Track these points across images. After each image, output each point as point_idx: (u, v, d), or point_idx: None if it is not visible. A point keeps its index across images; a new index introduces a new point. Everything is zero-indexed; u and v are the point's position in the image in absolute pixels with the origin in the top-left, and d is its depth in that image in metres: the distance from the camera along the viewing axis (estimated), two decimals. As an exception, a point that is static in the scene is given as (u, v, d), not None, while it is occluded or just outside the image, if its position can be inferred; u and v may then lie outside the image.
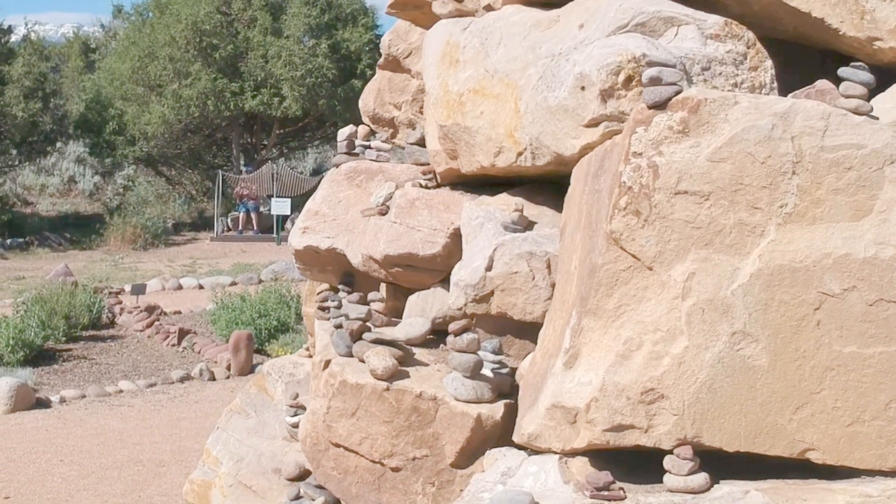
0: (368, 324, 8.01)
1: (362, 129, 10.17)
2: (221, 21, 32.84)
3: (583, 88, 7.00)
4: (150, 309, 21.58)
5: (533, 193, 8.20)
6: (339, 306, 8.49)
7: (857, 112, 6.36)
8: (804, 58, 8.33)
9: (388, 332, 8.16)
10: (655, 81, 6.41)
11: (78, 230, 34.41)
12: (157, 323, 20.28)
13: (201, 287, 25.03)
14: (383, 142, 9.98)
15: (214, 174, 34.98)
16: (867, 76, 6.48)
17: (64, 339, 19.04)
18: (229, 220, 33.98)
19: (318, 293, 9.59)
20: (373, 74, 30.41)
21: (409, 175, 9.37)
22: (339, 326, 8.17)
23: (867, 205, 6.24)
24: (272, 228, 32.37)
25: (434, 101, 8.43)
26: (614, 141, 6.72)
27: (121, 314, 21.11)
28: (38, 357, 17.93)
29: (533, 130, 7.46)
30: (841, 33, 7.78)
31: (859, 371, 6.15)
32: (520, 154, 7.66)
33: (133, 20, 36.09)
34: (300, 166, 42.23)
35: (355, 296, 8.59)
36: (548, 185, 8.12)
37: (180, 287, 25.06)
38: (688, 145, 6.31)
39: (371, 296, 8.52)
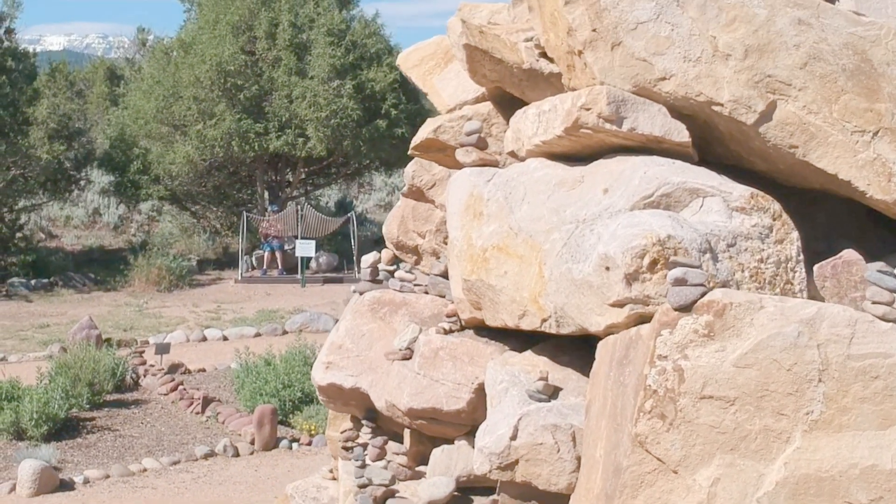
0: (393, 487, 7.99)
1: (386, 254, 10.16)
2: (246, 61, 32.85)
3: (607, 269, 6.96)
4: (174, 367, 21.56)
5: (558, 352, 8.16)
6: (363, 465, 8.45)
7: (884, 319, 6.31)
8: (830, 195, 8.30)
9: (412, 488, 8.14)
10: (681, 282, 6.38)
11: (102, 267, 34.44)
12: (181, 387, 20.26)
13: (225, 338, 24.99)
14: (407, 272, 9.95)
15: (240, 211, 35.00)
16: (894, 282, 6.42)
17: (87, 406, 19.00)
18: (254, 258, 33.97)
19: (342, 432, 9.55)
20: (397, 115, 30.49)
21: (433, 310, 9.35)
22: (363, 486, 8.14)
23: (894, 413, 6.20)
24: (297, 267, 32.33)
25: (458, 252, 8.41)
26: (640, 332, 6.68)
27: (145, 376, 21.09)
28: (62, 429, 17.91)
29: (557, 300, 7.43)
30: (868, 196, 7.75)
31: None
32: (544, 320, 7.63)
33: (157, 57, 36.11)
34: (325, 199, 42.31)
35: (379, 440, 8.58)
36: (572, 343, 8.07)
37: (204, 338, 25.03)
38: (713, 349, 6.28)
39: (394, 447, 8.50)
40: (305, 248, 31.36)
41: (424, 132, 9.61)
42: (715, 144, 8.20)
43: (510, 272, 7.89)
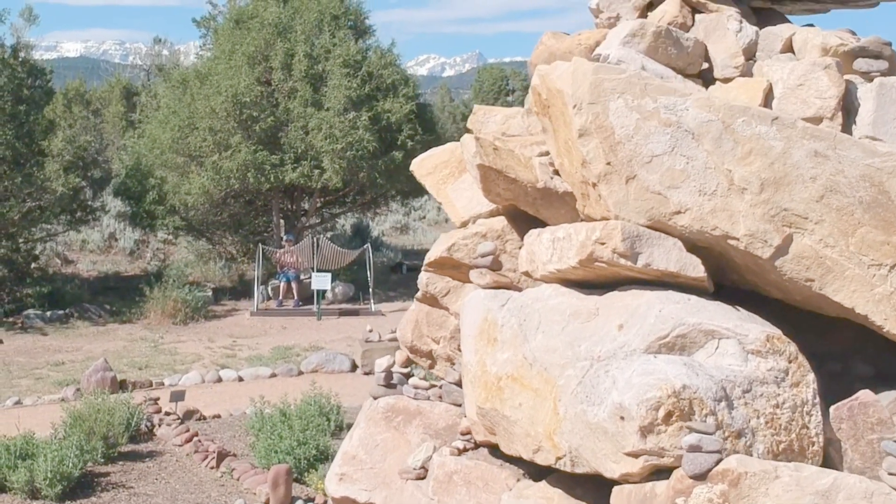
0: None
1: (400, 356, 10.12)
2: (261, 92, 32.81)
3: (622, 418, 6.92)
4: (189, 414, 21.53)
5: (573, 484, 8.11)
6: None
7: (901, 493, 6.26)
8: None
9: None
10: (695, 449, 6.34)
11: (118, 297, 34.45)
12: (196, 438, 20.21)
13: (241, 379, 24.96)
14: (421, 378, 9.92)
15: (256, 240, 34.98)
16: (912, 452, 6.36)
17: (102, 460, 18.95)
18: (270, 289, 33.94)
19: (356, 543, 9.50)
20: (413, 146, 30.41)
21: (447, 420, 9.31)
22: None
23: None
24: (312, 297, 32.27)
25: (472, 378, 8.37)
26: (654, 490, 6.65)
27: (160, 425, 21.04)
28: (76, 487, 17.85)
29: (573, 440, 7.39)
30: (885, 330, 7.69)
31: None
32: (559, 458, 7.59)
33: (173, 86, 36.06)
34: (341, 222, 42.23)
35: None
36: (586, 478, 8.01)
37: (220, 379, 24.99)
38: (728, 521, 6.23)
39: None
40: (321, 282, 31.29)
41: (438, 250, 9.57)
42: (730, 272, 8.16)
43: (525, 405, 7.85)
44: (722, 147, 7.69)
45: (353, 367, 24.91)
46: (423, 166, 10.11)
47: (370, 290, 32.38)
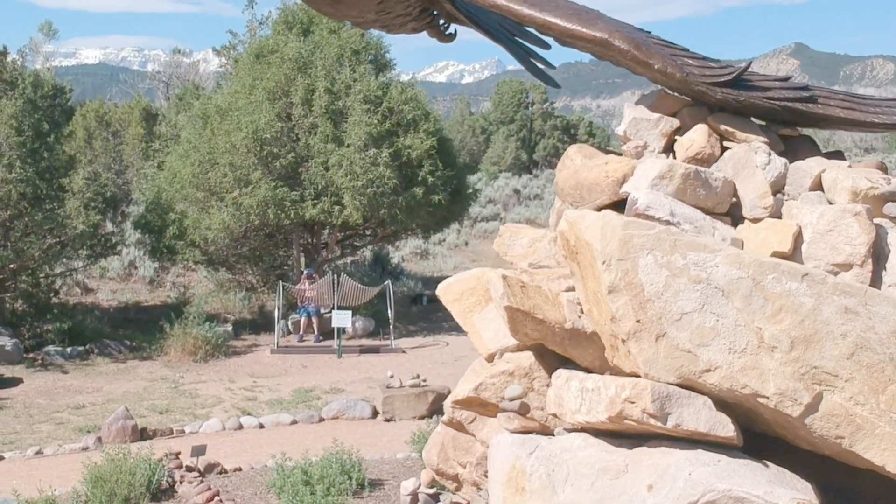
0: None
1: (426, 477, 10.12)
2: (282, 128, 32.81)
3: None
4: (210, 467, 21.52)
5: None
6: None
7: None
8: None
9: None
10: None
11: (139, 329, 34.51)
12: (217, 498, 20.22)
13: (262, 426, 24.94)
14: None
15: (276, 273, 35.02)
16: None
17: (123, 523, 18.98)
18: (290, 323, 33.94)
19: None
20: (434, 181, 30.42)
21: (475, 549, 9.28)
22: None
23: None
24: (333, 331, 32.25)
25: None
26: None
27: (181, 482, 21.04)
28: (97, 556, 17.89)
29: None
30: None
31: None
32: None
33: (193, 120, 36.05)
34: (360, 253, 42.17)
35: None
36: None
37: (241, 427, 24.97)
38: None
39: None
40: (341, 319, 31.26)
41: (465, 389, 9.54)
42: (759, 424, 8.12)
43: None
44: (752, 304, 7.66)
45: (374, 414, 24.86)
46: (450, 292, 10.08)
47: (391, 325, 32.34)
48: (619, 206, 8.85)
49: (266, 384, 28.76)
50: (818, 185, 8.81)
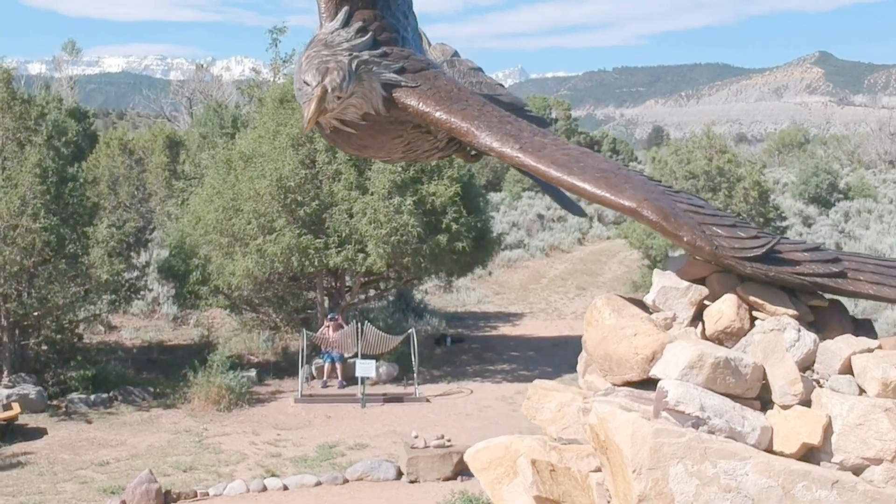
0: None
1: None
2: (306, 175, 32.83)
3: None
4: (235, 539, 21.62)
5: None
6: None
7: None
8: None
9: None
10: None
11: (162, 371, 34.71)
12: (241, 575, 20.31)
13: (286, 488, 24.96)
14: None
15: (300, 317, 35.09)
16: None
17: None
18: (314, 368, 34.00)
19: None
20: (458, 229, 30.35)
21: None
22: None
23: None
24: (355, 377, 32.30)
25: None
26: None
27: (208, 555, 21.17)
28: None
29: None
30: None
31: None
32: None
33: (217, 166, 36.05)
34: (385, 298, 42.15)
35: None
36: None
37: (265, 488, 24.99)
38: None
39: None
40: (365, 369, 31.27)
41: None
42: None
43: None
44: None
45: (399, 475, 24.89)
46: (478, 460, 10.01)
47: (415, 374, 32.36)
48: (647, 383, 8.81)
49: (290, 437, 28.79)
50: (848, 368, 8.74)
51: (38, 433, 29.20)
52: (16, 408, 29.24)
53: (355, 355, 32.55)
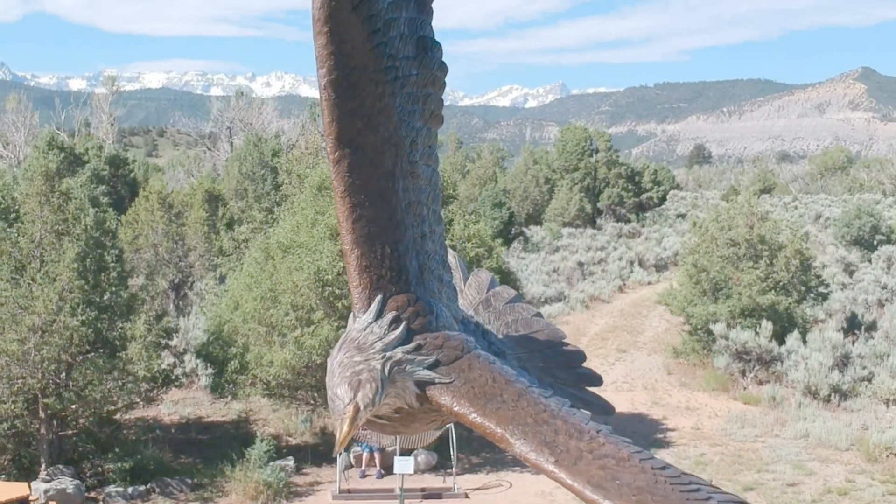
0: None
1: None
2: (344, 267, 32.63)
3: None
4: None
5: None
6: None
7: None
8: None
9: None
10: None
11: (201, 454, 34.57)
12: None
13: None
14: None
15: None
16: None
17: None
18: (352, 456, 33.79)
19: None
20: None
21: None
22: None
23: None
24: (392, 465, 32.06)
25: None
26: None
27: None
28: None
29: None
30: None
31: None
32: None
33: (255, 255, 35.90)
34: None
35: None
36: None
37: (300, 588, 24.89)
38: None
39: None
40: (404, 465, 30.98)
41: None
42: None
43: None
44: None
45: None
46: None
47: (453, 468, 32.10)
48: None
49: (328, 543, 28.62)
50: None
51: (76, 530, 29.17)
52: (53, 507, 29.21)
53: (394, 445, 32.35)
